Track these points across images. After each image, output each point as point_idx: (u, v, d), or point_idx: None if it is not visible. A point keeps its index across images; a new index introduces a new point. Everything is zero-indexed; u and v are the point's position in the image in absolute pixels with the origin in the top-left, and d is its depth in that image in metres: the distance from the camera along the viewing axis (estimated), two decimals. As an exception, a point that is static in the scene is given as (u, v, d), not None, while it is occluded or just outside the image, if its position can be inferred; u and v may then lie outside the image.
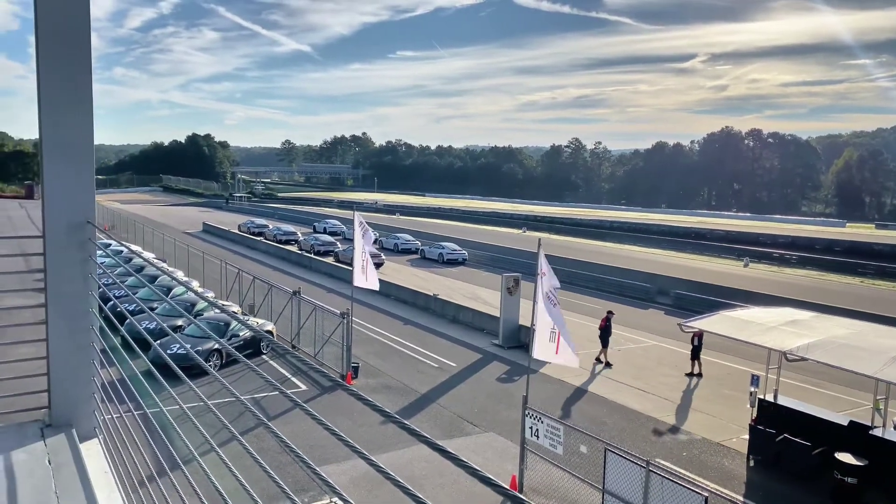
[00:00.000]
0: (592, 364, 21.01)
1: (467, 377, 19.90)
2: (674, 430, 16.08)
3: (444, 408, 17.11)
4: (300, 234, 52.34)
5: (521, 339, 22.64)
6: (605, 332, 21.39)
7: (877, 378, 12.57)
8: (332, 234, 55.58)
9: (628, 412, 17.32)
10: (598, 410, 17.34)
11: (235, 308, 24.33)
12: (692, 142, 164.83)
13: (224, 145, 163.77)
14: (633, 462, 10.56)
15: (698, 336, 19.65)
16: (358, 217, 19.48)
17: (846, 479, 12.38)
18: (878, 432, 13.58)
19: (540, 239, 13.46)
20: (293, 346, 21.46)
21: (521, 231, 67.30)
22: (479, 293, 32.42)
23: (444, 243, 47.07)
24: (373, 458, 1.48)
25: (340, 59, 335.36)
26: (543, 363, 18.69)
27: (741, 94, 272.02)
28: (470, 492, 11.72)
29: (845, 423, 14.12)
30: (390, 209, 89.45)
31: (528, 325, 15.00)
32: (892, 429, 14.26)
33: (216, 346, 18.32)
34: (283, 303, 22.88)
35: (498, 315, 23.87)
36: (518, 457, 12.73)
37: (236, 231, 56.32)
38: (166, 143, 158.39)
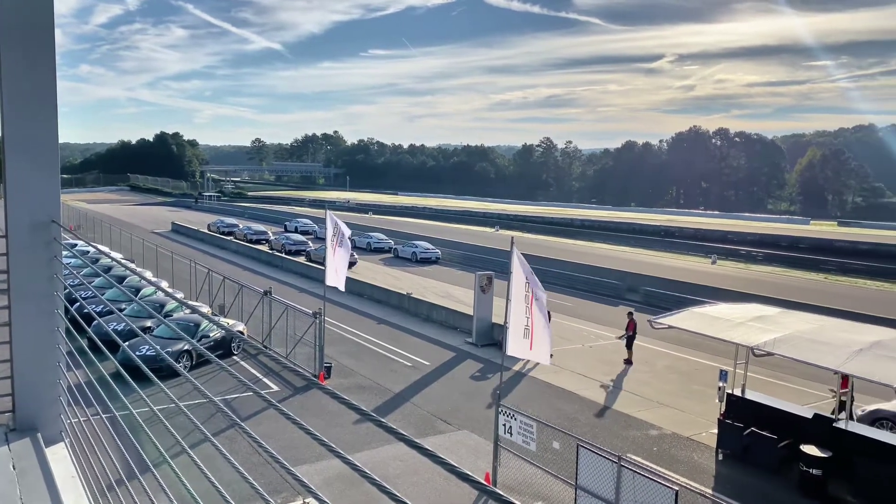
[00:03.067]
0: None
1: (441, 375, 19.92)
2: (644, 425, 16.29)
3: (417, 406, 17.10)
4: (271, 234, 51.86)
5: (494, 337, 22.72)
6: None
7: (840, 372, 12.89)
8: (304, 233, 55.18)
9: (600, 408, 17.50)
10: (571, 406, 17.49)
11: (206, 308, 24.01)
12: (661, 141, 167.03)
13: (193, 144, 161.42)
14: (605, 457, 10.68)
15: (632, 326, 21.26)
16: (331, 216, 19.36)
17: (811, 470, 12.67)
18: (841, 424, 13.92)
19: (513, 237, 13.54)
20: (265, 347, 21.26)
21: (493, 230, 67.52)
22: (452, 291, 32.46)
23: (417, 242, 47.02)
24: (349, 458, 1.48)
25: (311, 57, 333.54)
26: (517, 360, 18.80)
27: (708, 94, 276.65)
28: (444, 490, 11.74)
29: (810, 416, 14.45)
30: (363, 208, 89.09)
31: (502, 322, 15.06)
32: (854, 421, 14.64)
33: (186, 346, 18.08)
34: (254, 303, 22.66)
35: (471, 313, 23.93)
36: (491, 454, 12.78)
37: (206, 230, 55.58)
38: (134, 142, 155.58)
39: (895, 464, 12.23)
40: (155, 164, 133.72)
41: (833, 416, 14.15)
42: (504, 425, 12.42)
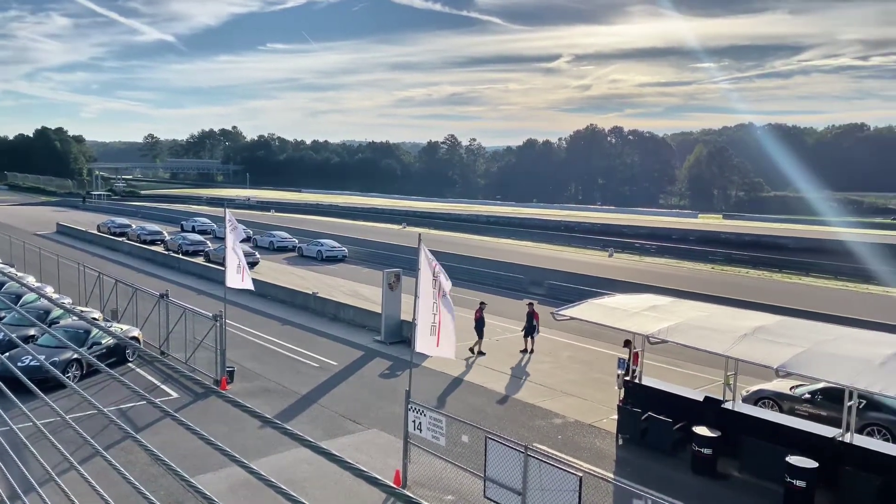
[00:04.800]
0: (468, 355, 21.42)
1: (349, 375, 19.72)
2: (549, 414, 16.78)
3: (325, 408, 16.86)
4: (167, 234, 49.59)
5: (403, 334, 22.73)
6: (479, 324, 21.92)
7: (727, 356, 13.77)
8: (202, 232, 53.15)
9: (508, 400, 17.88)
10: (479, 400, 17.77)
11: (96, 314, 22.65)
12: (560, 139, 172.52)
13: (79, 140, 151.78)
14: (512, 448, 10.92)
15: (532, 316, 22.14)
16: (230, 214, 18.72)
17: (703, 450, 13.47)
18: (728, 405, 14.88)
19: (420, 234, 13.57)
20: (162, 353, 20.32)
21: (401, 226, 67.48)
22: (359, 290, 32.19)
23: (322, 240, 46.30)
24: (248, 464, 1.43)
25: (207, 50, 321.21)
26: (426, 357, 18.88)
27: (603, 93, 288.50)
28: (355, 491, 11.64)
29: (701, 399, 15.35)
30: (265, 206, 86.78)
31: (411, 319, 15.08)
32: (741, 401, 15.69)
33: (75, 356, 17.00)
34: (149, 307, 21.59)
35: (379, 311, 23.83)
36: (402, 451, 12.79)
37: (95, 231, 52.48)
38: (11, 137, 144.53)
39: (775, 439, 13.21)
40: (36, 161, 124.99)
41: (721, 398, 15.11)
42: (414, 422, 12.45)
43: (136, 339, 20.19)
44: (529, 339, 22.36)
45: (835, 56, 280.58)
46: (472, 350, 21.72)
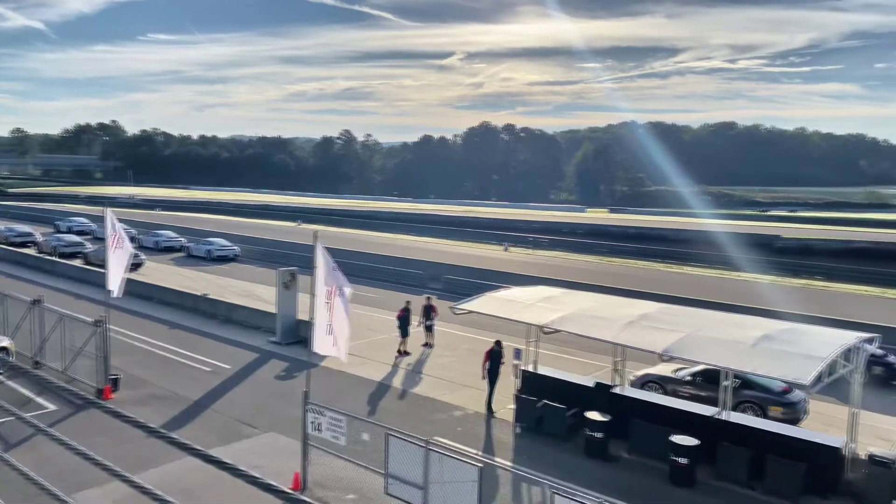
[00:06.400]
0: (394, 355, 21.26)
1: (244, 378, 19.11)
2: (449, 407, 16.98)
3: (219, 413, 16.25)
4: (39, 235, 46.07)
5: (300, 335, 22.26)
6: (403, 323, 21.75)
7: (615, 343, 14.46)
8: (80, 233, 49.83)
9: (407, 395, 17.93)
10: (379, 397, 17.71)
11: (-43, 324, 20.68)
12: (455, 136, 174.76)
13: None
14: (412, 443, 10.96)
15: (430, 310, 22.33)
16: (110, 214, 17.60)
17: (595, 434, 14.07)
18: (617, 390, 15.63)
19: (316, 231, 13.32)
20: (36, 363, 18.85)
21: (296, 224, 66.08)
22: (253, 290, 31.23)
23: (212, 239, 44.60)
24: (130, 476, 1.35)
25: (82, 38, 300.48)
26: (324, 357, 18.57)
27: (495, 91, 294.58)
28: (254, 496, 11.25)
29: (592, 385, 16.04)
30: (149, 204, 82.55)
31: (307, 319, 14.79)
32: (628, 386, 16.51)
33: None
34: (21, 314, 19.96)
35: (274, 311, 23.22)
36: (300, 453, 12.53)
37: (-46, 234, 47.90)
38: None
39: (660, 419, 14.01)
40: None
41: (611, 384, 15.85)
42: (312, 423, 12.23)
43: (5, 349, 18.62)
44: (428, 333, 22.48)
45: (707, 59, 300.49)
46: (399, 350, 21.53)
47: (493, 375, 16.67)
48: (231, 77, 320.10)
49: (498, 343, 16.98)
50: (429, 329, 22.43)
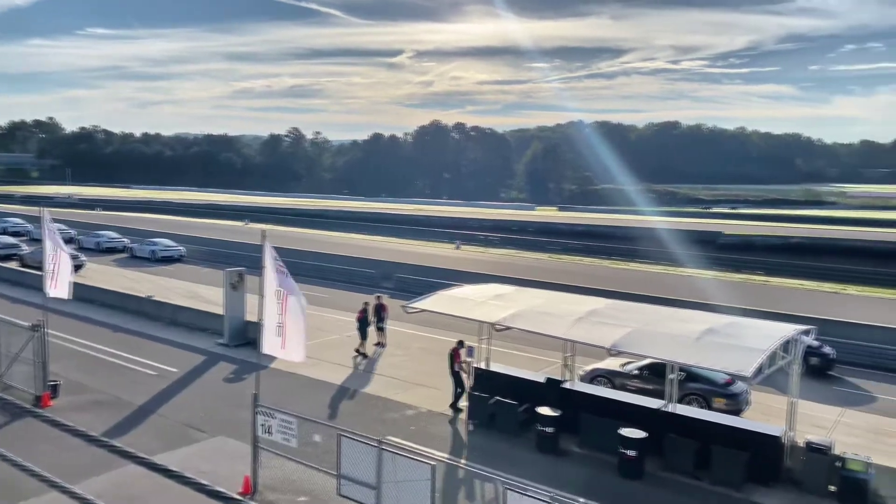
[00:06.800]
0: (352, 356, 21.05)
1: (191, 381, 18.66)
2: (402, 406, 16.93)
3: (165, 417, 15.83)
4: (-30, 237, 44.00)
5: (248, 336, 21.83)
6: (362, 324, 21.51)
7: (565, 338, 14.66)
8: (15, 234, 47.92)
9: (360, 395, 17.81)
10: (331, 398, 17.54)
11: None
12: (405, 134, 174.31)
13: None
14: (365, 443, 10.89)
15: (381, 309, 22.17)
16: (46, 214, 16.94)
17: (546, 429, 14.25)
18: (568, 385, 15.86)
19: (264, 231, 13.10)
20: (-32, 370, 17.99)
21: (244, 223, 64.89)
22: (199, 291, 30.52)
23: (156, 239, 43.43)
24: (69, 486, 1.30)
25: (15, 32, 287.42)
26: (274, 358, 18.30)
27: (445, 89, 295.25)
28: (202, 501, 11.03)
29: (543, 381, 16.23)
30: (89, 203, 79.85)
31: (256, 320, 14.54)
32: (578, 380, 16.78)
33: None
34: (-50, 319, 19.02)
35: (222, 313, 22.74)
36: (250, 456, 12.31)
37: None
38: None
39: (609, 413, 14.27)
40: None
41: (561, 379, 16.07)
42: (262, 425, 12.03)
43: (-67, 356, 17.71)
44: (380, 332, 22.37)
45: (651, 59, 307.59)
46: (357, 351, 21.29)
47: (458, 375, 16.61)
48: (175, 73, 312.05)
49: (460, 343, 16.94)
50: (380, 329, 22.33)
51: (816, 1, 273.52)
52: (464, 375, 16.63)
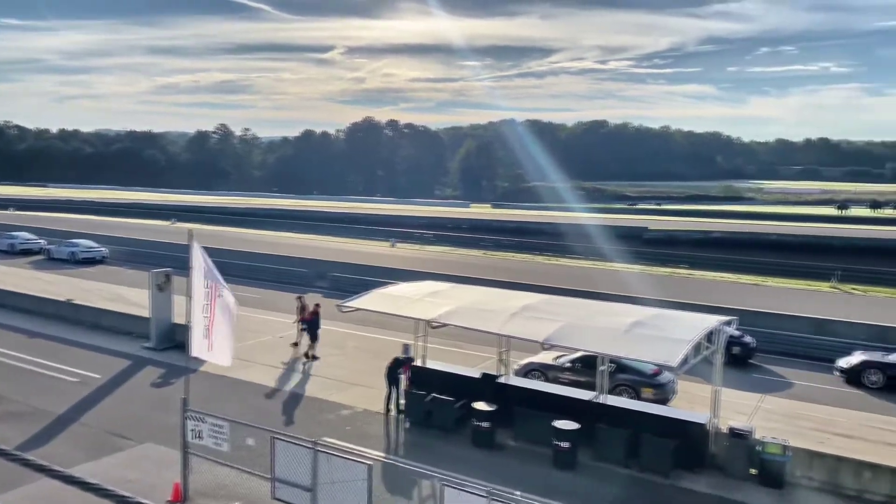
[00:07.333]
0: (302, 360, 20.43)
1: (116, 387, 17.92)
2: (337, 406, 16.75)
3: (87, 426, 15.14)
4: None
5: (176, 339, 21.14)
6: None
7: (500, 334, 14.83)
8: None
9: (294, 396, 17.52)
10: (264, 400, 17.19)
11: None
12: (338, 131, 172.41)
13: None
14: (299, 445, 10.72)
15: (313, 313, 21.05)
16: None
17: (481, 424, 14.37)
18: (503, 380, 16.06)
19: (191, 230, 12.69)
20: None
21: (170, 222, 62.78)
22: (123, 293, 29.34)
23: (76, 240, 41.49)
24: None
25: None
26: (204, 361, 17.79)
27: (378, 86, 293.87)
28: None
29: (479, 376, 16.37)
30: (2, 203, 75.45)
31: (184, 322, 14.09)
32: (513, 375, 17.01)
33: None
34: None
35: (148, 315, 21.92)
36: (180, 463, 11.93)
37: None
38: None
39: (543, 406, 14.52)
40: None
41: (496, 374, 16.25)
42: (192, 430, 11.67)
43: None
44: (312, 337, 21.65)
45: (579, 59, 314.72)
46: (306, 355, 20.61)
47: (397, 379, 16.33)
48: (95, 67, 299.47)
49: (407, 356, 16.71)
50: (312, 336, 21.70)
51: (734, 5, 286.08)
52: (403, 384, 16.33)
